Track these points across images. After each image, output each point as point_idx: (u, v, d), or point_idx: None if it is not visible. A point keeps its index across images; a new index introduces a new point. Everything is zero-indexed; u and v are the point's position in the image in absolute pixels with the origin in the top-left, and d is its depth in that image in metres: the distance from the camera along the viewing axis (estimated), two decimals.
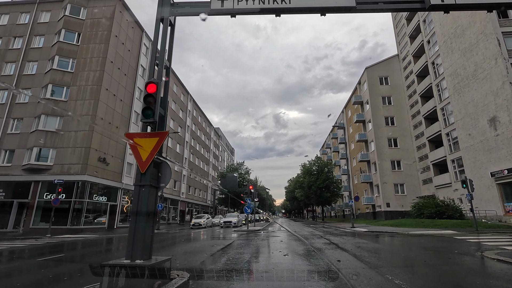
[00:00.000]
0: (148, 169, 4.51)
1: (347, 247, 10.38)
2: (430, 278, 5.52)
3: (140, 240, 4.26)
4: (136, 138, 4.65)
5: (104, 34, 25.70)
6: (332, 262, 7.16)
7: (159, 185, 4.82)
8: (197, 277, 5.42)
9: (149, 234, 4.41)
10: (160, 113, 4.93)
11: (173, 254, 8.80)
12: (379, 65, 40.56)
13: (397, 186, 35.74)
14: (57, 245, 13.20)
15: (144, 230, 4.33)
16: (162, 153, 4.94)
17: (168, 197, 37.00)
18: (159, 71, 4.99)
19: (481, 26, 23.66)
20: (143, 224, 4.34)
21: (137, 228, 4.29)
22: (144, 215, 4.38)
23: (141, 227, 4.31)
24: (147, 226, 4.40)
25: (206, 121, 59.60)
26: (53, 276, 6.10)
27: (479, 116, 24.09)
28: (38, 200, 21.73)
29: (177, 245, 12.79)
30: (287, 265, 7.07)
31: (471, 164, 25.12)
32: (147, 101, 4.62)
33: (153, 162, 4.67)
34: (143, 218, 4.37)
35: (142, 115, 4.56)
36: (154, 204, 4.64)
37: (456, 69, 26.86)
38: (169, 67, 5.38)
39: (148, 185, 4.45)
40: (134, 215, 4.37)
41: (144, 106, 4.59)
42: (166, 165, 4.94)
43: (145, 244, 4.32)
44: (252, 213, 28.96)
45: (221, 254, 9.00)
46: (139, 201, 4.40)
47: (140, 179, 4.51)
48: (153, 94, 4.64)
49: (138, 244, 4.24)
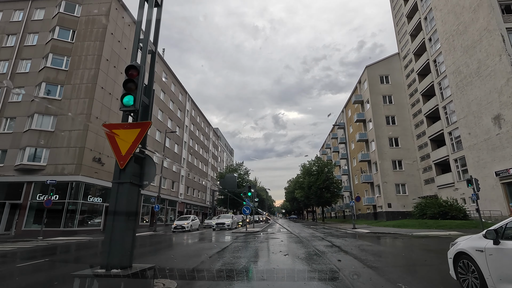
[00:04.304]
0: (128, 164, 3.95)
1: (350, 250, 9.82)
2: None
3: (118, 246, 3.69)
4: (115, 129, 4.09)
5: (99, 32, 25.14)
6: (337, 266, 6.60)
7: (142, 182, 4.26)
8: (187, 286, 4.86)
9: (128, 238, 3.84)
10: (144, 101, 4.36)
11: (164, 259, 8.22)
12: (380, 63, 40.06)
13: (399, 186, 35.20)
14: (47, 248, 12.60)
15: (123, 234, 3.77)
16: (146, 147, 4.38)
17: (166, 198, 36.40)
18: (143, 55, 4.43)
19: (484, 22, 23.16)
20: (122, 227, 3.78)
21: (115, 232, 3.72)
22: (123, 216, 3.81)
23: (119, 230, 3.75)
24: (126, 229, 3.83)
25: (205, 121, 59.04)
26: (25, 286, 5.51)
27: (483, 114, 23.57)
28: (30, 202, 21.13)
29: (166, 249, 12.23)
30: (288, 271, 6.51)
31: (475, 163, 24.59)
32: (127, 87, 4.07)
33: (135, 156, 4.11)
34: (122, 220, 3.81)
35: (121, 102, 4.00)
36: (136, 204, 4.08)
37: (459, 66, 26.35)
38: (154, 52, 4.82)
39: (128, 182, 3.89)
40: (111, 217, 3.80)
41: (124, 92, 4.03)
42: (150, 161, 4.38)
43: (124, 250, 3.76)
44: (251, 214, 28.22)
45: (216, 258, 8.43)
46: (117, 200, 3.84)
47: (119, 176, 3.95)
48: (134, 79, 4.08)
49: (116, 251, 3.68)
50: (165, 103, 37.85)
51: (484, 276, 3.98)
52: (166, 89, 38.60)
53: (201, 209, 53.64)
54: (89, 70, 24.01)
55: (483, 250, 4.08)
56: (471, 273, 4.28)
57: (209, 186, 57.67)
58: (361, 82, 42.86)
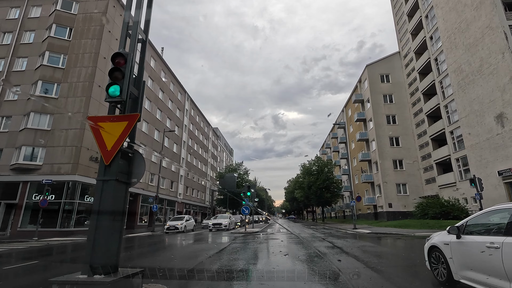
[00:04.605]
0: (114, 160, 3.63)
1: (353, 251, 9.50)
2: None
3: (102, 249, 3.37)
4: (100, 122, 3.77)
5: (97, 29, 24.82)
6: (339, 268, 6.28)
7: (130, 180, 3.94)
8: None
9: (114, 240, 3.52)
10: (132, 93, 4.05)
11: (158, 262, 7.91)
12: (380, 62, 39.75)
13: (399, 186, 34.88)
14: (40, 249, 12.28)
15: (108, 236, 3.45)
16: (135, 142, 4.06)
17: (164, 198, 36.06)
18: (131, 43, 4.11)
19: (486, 19, 22.85)
20: (106, 228, 3.46)
21: (99, 234, 3.40)
22: (108, 216, 3.49)
23: (104, 232, 3.43)
24: (112, 230, 3.51)
25: (204, 121, 58.70)
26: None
27: (485, 113, 23.26)
28: (26, 201, 20.80)
29: (156, 252, 11.90)
30: (288, 272, 6.20)
31: (477, 163, 24.28)
32: (113, 76, 3.75)
33: (122, 152, 3.79)
34: (107, 220, 3.49)
35: (106, 93, 3.68)
36: (123, 203, 3.76)
37: (460, 65, 26.04)
38: (145, 40, 4.51)
39: (114, 180, 3.57)
40: (95, 217, 3.48)
41: (109, 82, 3.72)
42: (139, 157, 4.06)
43: (109, 254, 3.44)
44: (251, 214, 27.86)
45: (213, 260, 8.11)
46: (101, 199, 3.52)
47: (104, 173, 3.63)
48: (121, 68, 3.77)
49: (100, 254, 3.36)
50: (164, 102, 37.53)
51: (449, 265, 4.71)
52: (165, 88, 38.27)
53: (201, 209, 53.32)
54: (86, 68, 23.68)
55: (448, 243, 4.79)
56: (441, 263, 4.98)
57: (208, 186, 57.35)
58: (361, 81, 42.55)
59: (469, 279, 4.29)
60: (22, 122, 22.28)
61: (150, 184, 32.25)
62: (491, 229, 4.26)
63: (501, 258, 3.65)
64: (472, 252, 4.30)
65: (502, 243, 3.69)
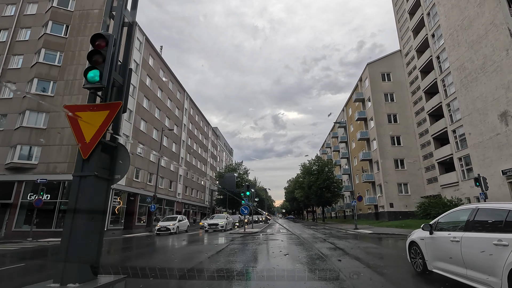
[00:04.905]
0: (93, 153, 3.23)
1: (356, 253, 9.10)
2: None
3: (78, 253, 2.97)
4: (78, 111, 3.37)
5: (93, 26, 24.42)
6: (345, 273, 5.88)
7: (113, 177, 3.54)
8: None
9: (93, 244, 3.12)
10: (117, 80, 3.64)
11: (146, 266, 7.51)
12: (381, 61, 39.34)
13: (401, 186, 34.48)
14: (32, 251, 11.88)
15: (85, 238, 3.05)
16: (119, 134, 3.66)
17: (163, 198, 35.67)
18: (115, 26, 3.71)
19: (490, 16, 22.45)
20: (84, 229, 3.06)
21: (75, 236, 3.00)
22: (86, 217, 3.10)
23: (81, 234, 3.03)
24: (90, 232, 3.11)
25: (203, 120, 58.28)
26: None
27: (489, 111, 22.85)
28: (21, 201, 20.43)
29: (142, 256, 11.51)
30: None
31: (480, 162, 23.87)
32: (92, 59, 3.35)
33: (104, 145, 3.39)
34: (84, 221, 3.09)
35: (84, 78, 3.28)
36: (103, 201, 3.36)
37: (463, 62, 25.64)
38: (132, 24, 4.10)
39: (93, 175, 3.17)
40: (70, 218, 3.08)
41: (88, 66, 3.32)
42: (124, 151, 3.66)
43: (87, 259, 3.04)
44: (250, 214, 27.43)
45: (208, 264, 7.71)
46: (78, 197, 3.12)
47: (82, 168, 3.23)
48: (102, 51, 3.37)
49: (75, 259, 2.95)
50: (163, 101, 37.13)
51: (424, 257, 5.48)
52: (164, 87, 37.87)
53: (200, 209, 52.92)
54: (83, 66, 23.24)
55: (424, 239, 5.57)
56: (418, 256, 5.75)
57: (208, 186, 56.95)
58: (362, 79, 42.14)
59: (439, 268, 5.04)
60: (17, 120, 21.89)
61: (149, 184, 31.85)
62: (456, 226, 4.92)
63: (460, 250, 4.45)
64: (441, 246, 5.05)
65: (461, 237, 4.50)
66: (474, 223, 4.47)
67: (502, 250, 3.75)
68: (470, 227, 4.49)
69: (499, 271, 3.72)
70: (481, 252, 4.08)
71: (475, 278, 4.15)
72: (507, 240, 3.73)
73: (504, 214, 4.07)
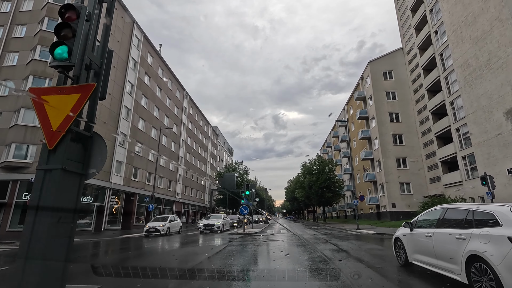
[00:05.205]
0: (61, 143, 2.76)
1: (360, 255, 8.62)
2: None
3: (40, 260, 2.50)
4: (45, 95, 2.91)
5: None
6: (352, 280, 5.41)
7: (86, 171, 3.06)
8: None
9: (59, 249, 2.65)
10: (94, 62, 3.18)
11: None
12: (383, 59, 38.83)
13: (403, 185, 33.98)
14: None
15: (49, 243, 2.58)
16: (95, 122, 3.19)
17: (162, 197, 35.22)
18: None
19: (495, 11, 21.93)
20: (47, 232, 2.58)
21: (35, 240, 2.53)
22: (50, 217, 2.63)
23: (43, 238, 2.55)
24: (56, 236, 2.64)
25: (203, 119, 57.81)
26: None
27: (494, 109, 22.34)
28: (16, 201, 19.94)
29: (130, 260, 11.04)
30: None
31: (485, 161, 23.36)
32: (60, 34, 2.89)
33: (76, 134, 2.92)
34: (49, 223, 2.62)
35: (51, 55, 2.82)
36: (74, 200, 2.89)
37: (467, 59, 25.12)
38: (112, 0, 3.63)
39: (60, 169, 2.69)
40: (31, 219, 2.61)
41: (55, 40, 2.85)
42: (100, 142, 3.19)
43: (51, 267, 2.57)
44: (250, 213, 26.96)
45: (204, 267, 7.24)
46: (42, 194, 2.65)
47: (47, 160, 2.76)
48: (72, 24, 2.90)
49: (36, 267, 2.49)
50: (162, 99, 36.67)
51: (406, 251, 6.27)
52: (163, 85, 37.41)
53: (200, 209, 52.47)
54: None
55: (405, 235, 6.37)
56: (402, 251, 6.52)
57: (207, 186, 56.49)
58: (363, 78, 41.63)
59: (417, 260, 5.83)
60: (12, 118, 21.44)
61: (147, 184, 31.40)
62: (431, 223, 5.69)
63: (432, 244, 5.19)
64: (418, 240, 5.85)
65: (433, 233, 5.26)
66: (444, 221, 5.28)
67: (462, 242, 4.50)
68: (440, 224, 5.31)
69: (459, 260, 4.47)
70: (447, 245, 4.87)
71: (443, 266, 4.88)
72: (465, 235, 4.49)
73: (465, 213, 4.82)
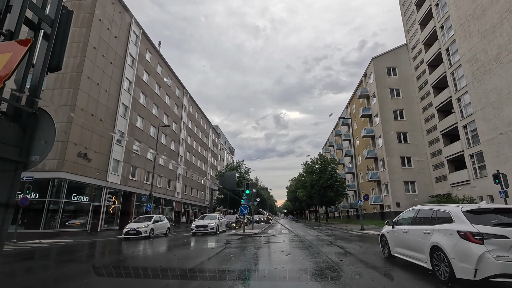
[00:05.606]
0: None
1: (372, 261, 7.86)
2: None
3: None
4: None
5: (86, 17, 23.31)
6: None
7: (27, 158, 2.33)
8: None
9: None
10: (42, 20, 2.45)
11: None
12: (387, 55, 37.97)
13: (408, 185, 33.16)
14: (7, 255, 10.72)
15: None
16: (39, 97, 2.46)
17: (161, 197, 34.54)
18: None
19: (506, 3, 21.09)
20: None
21: None
22: None
23: None
24: None
25: (203, 118, 57.10)
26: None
27: (504, 105, 21.50)
28: None
29: None
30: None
31: (494, 159, 22.51)
32: None
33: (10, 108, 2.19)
34: None
35: None
36: (7, 195, 2.16)
37: (475, 54, 24.27)
38: None
39: None
40: None
41: None
42: (47, 121, 2.45)
43: None
44: (250, 213, 26.19)
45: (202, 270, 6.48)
46: None
47: None
48: None
49: None
50: (161, 97, 35.98)
51: (389, 245, 7.43)
52: (162, 83, 36.71)
53: (200, 209, 51.79)
54: (74, 58, 22.15)
55: (389, 232, 7.53)
56: (386, 245, 7.61)
57: (208, 185, 55.80)
58: (366, 75, 40.78)
59: (397, 252, 6.93)
60: None
61: (146, 183, 30.71)
62: (407, 221, 6.81)
63: (408, 238, 6.38)
64: (398, 236, 6.98)
65: (408, 229, 6.44)
66: (416, 219, 6.42)
67: (427, 236, 5.57)
68: (414, 221, 6.46)
69: (426, 250, 5.51)
70: (418, 239, 5.96)
71: (415, 257, 5.98)
72: (430, 230, 5.56)
73: (431, 213, 5.98)
